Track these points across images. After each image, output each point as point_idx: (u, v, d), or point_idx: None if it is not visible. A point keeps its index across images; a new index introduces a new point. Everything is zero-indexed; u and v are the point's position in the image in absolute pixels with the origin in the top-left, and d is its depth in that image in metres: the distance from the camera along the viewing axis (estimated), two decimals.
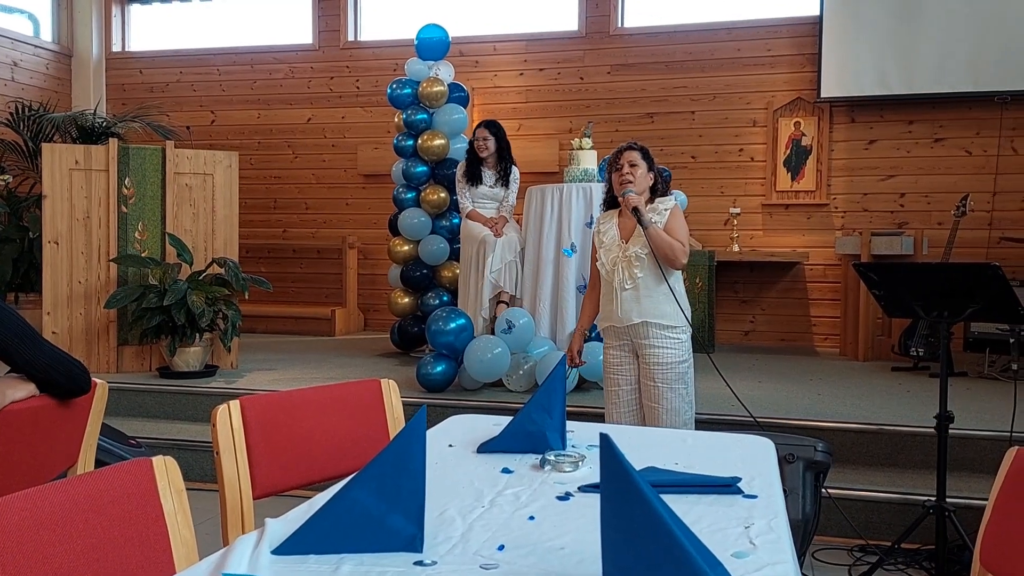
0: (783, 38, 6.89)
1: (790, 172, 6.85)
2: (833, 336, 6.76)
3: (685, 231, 3.11)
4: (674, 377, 3.09)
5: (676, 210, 3.13)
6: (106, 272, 5.22)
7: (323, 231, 7.92)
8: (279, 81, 8.01)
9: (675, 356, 3.09)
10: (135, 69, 8.40)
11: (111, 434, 3.58)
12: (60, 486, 1.24)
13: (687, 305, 3.14)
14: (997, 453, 1.72)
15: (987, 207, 6.41)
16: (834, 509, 3.45)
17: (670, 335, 3.08)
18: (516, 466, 1.77)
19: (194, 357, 5.07)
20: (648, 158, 3.16)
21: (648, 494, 1.08)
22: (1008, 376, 5.14)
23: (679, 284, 3.16)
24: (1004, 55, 6.20)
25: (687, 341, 3.12)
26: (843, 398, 4.54)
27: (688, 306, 3.15)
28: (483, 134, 5.28)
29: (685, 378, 3.11)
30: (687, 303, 3.15)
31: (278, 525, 1.35)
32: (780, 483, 1.74)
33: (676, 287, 3.10)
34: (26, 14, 8.11)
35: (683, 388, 3.10)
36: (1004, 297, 2.84)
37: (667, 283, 3.06)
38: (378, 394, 2.19)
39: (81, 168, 5.19)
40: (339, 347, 6.57)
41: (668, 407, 3.10)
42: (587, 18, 7.29)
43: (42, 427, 1.99)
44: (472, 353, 4.45)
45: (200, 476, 4.15)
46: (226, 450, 1.82)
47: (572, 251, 4.83)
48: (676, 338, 3.09)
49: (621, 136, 7.07)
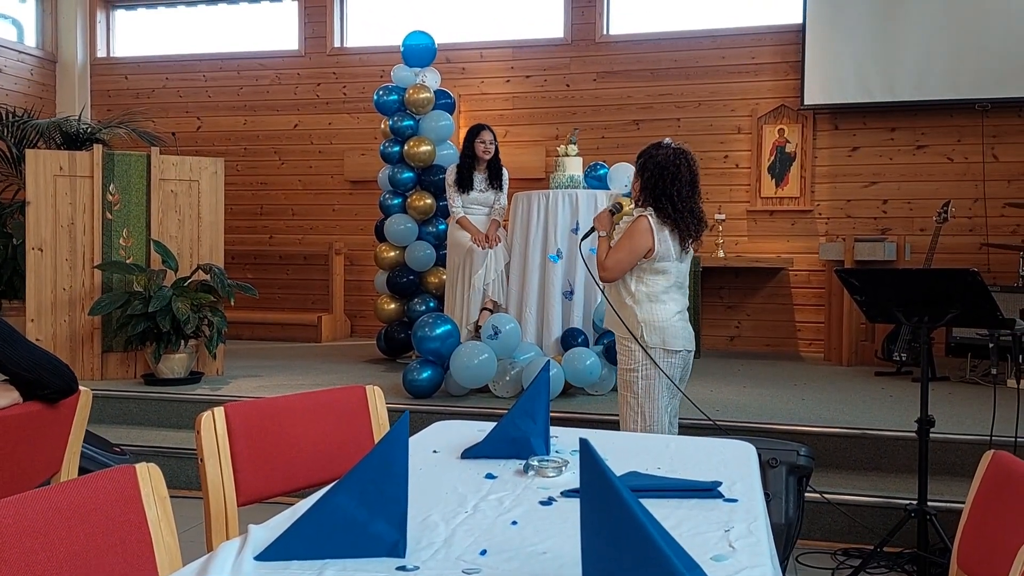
0: (767, 46, 6.95)
1: (774, 179, 6.91)
2: (817, 341, 6.81)
3: (622, 245, 3.04)
4: (623, 383, 3.13)
5: (632, 225, 3.06)
6: (90, 279, 5.20)
7: (309, 237, 7.91)
8: (265, 87, 8.00)
9: (622, 363, 3.12)
10: (120, 75, 8.37)
11: (95, 441, 3.56)
12: (44, 493, 1.24)
13: (651, 316, 3.05)
14: (978, 457, 1.74)
15: (969, 213, 6.48)
16: (817, 513, 3.48)
17: (622, 343, 3.11)
18: (500, 471, 1.78)
19: (179, 364, 5.06)
20: (641, 166, 3.13)
21: (627, 498, 1.10)
22: (989, 380, 5.19)
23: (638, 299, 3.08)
24: (984, 63, 6.27)
25: (637, 351, 3.06)
26: (826, 403, 4.58)
27: (653, 317, 3.05)
28: (489, 137, 5.27)
29: (634, 387, 3.07)
30: (652, 314, 3.06)
31: (261, 531, 1.35)
32: (761, 487, 1.75)
33: (629, 301, 3.09)
34: (10, 20, 8.07)
35: (630, 397, 3.09)
36: (982, 302, 2.88)
37: (619, 294, 3.12)
38: (363, 400, 2.19)
39: (65, 174, 5.16)
40: (325, 353, 6.56)
41: (620, 413, 3.16)
42: (573, 26, 7.33)
43: (26, 434, 1.98)
44: (458, 359, 4.46)
45: (185, 483, 4.14)
46: (210, 457, 1.82)
47: (558, 257, 4.85)
48: (627, 346, 3.09)
49: (607, 143, 7.12)
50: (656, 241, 3.03)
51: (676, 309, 3.12)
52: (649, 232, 3.03)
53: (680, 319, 3.13)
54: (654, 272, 3.07)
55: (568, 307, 4.86)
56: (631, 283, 3.09)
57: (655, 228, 3.03)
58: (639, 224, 3.05)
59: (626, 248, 3.04)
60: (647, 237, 3.02)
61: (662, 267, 3.07)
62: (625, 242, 3.05)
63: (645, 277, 3.08)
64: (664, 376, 3.06)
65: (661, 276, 3.09)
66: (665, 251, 3.05)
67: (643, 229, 3.03)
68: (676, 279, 3.14)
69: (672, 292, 3.13)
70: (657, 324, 3.06)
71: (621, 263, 3.06)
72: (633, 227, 3.06)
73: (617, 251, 3.06)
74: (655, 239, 3.03)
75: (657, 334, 3.05)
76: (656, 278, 3.08)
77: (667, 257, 3.06)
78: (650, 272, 3.07)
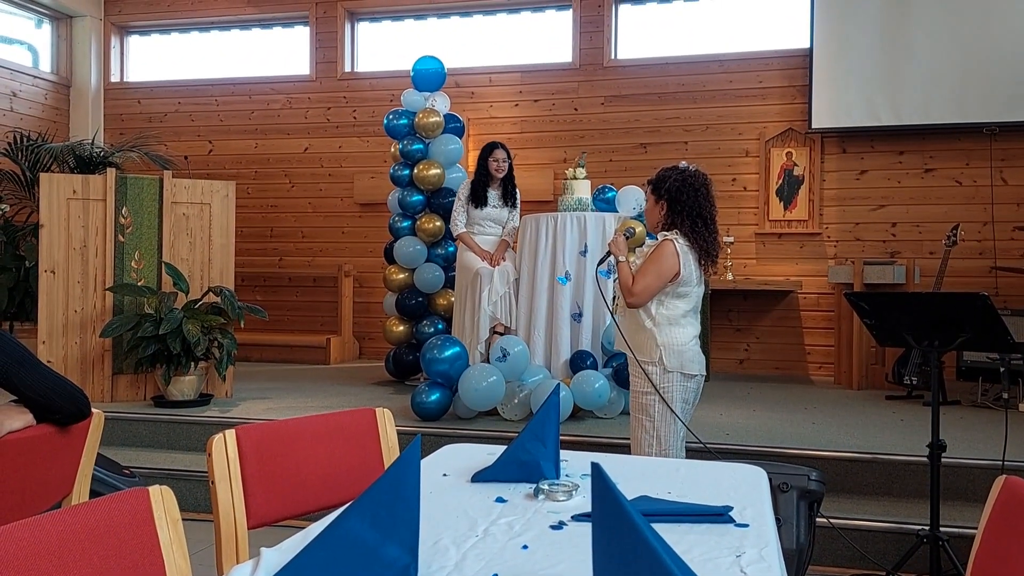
0: (774, 70, 6.98)
1: (783, 201, 6.92)
2: (827, 364, 6.78)
3: (650, 270, 3.00)
4: (637, 407, 3.08)
5: (658, 250, 3.03)
6: (102, 301, 5.23)
7: (319, 259, 7.95)
8: (276, 111, 8.08)
9: (638, 386, 3.08)
10: (133, 99, 8.47)
11: (105, 464, 3.57)
12: (58, 516, 1.25)
13: (670, 340, 3.04)
14: (990, 482, 1.73)
15: (978, 237, 6.47)
16: (828, 539, 3.45)
17: (639, 367, 3.06)
18: (510, 495, 1.78)
19: (189, 386, 5.07)
20: (657, 188, 3.11)
21: (639, 523, 1.10)
22: (1000, 405, 5.16)
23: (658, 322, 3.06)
24: (991, 87, 6.29)
25: (657, 374, 3.03)
26: (837, 427, 4.55)
27: (672, 341, 3.04)
28: (502, 155, 5.34)
29: (650, 411, 3.04)
30: (671, 337, 3.04)
31: (273, 555, 1.35)
32: (772, 512, 1.75)
33: (650, 324, 3.05)
34: (25, 45, 8.19)
35: (646, 420, 3.05)
36: (993, 326, 2.87)
37: (639, 318, 3.08)
38: (373, 423, 2.20)
39: (79, 198, 5.22)
40: (334, 375, 6.56)
41: (633, 436, 3.12)
42: (581, 50, 7.39)
43: (38, 457, 1.99)
44: (467, 382, 4.46)
45: (194, 506, 4.13)
46: (221, 480, 1.82)
47: (566, 279, 4.86)
48: (644, 370, 3.05)
49: (615, 166, 7.15)
50: (682, 265, 3.01)
51: (694, 333, 3.12)
52: (675, 256, 3.00)
53: (696, 344, 3.12)
54: (676, 296, 3.06)
55: (577, 329, 4.87)
56: (652, 306, 3.06)
57: (681, 252, 3.01)
58: (665, 248, 3.02)
59: (654, 272, 3.01)
60: (674, 261, 3.00)
61: (684, 291, 3.06)
62: (652, 266, 3.02)
63: (666, 301, 3.06)
64: (679, 400, 3.05)
65: (682, 300, 3.07)
66: (688, 275, 3.03)
67: (670, 253, 3.01)
68: (695, 303, 3.13)
69: (690, 316, 3.11)
70: (676, 348, 3.04)
71: (650, 288, 3.01)
72: (660, 251, 3.02)
73: (645, 276, 3.02)
74: (680, 263, 3.01)
75: (676, 358, 3.03)
76: (677, 302, 3.06)
77: (690, 281, 3.05)
78: (672, 296, 3.05)
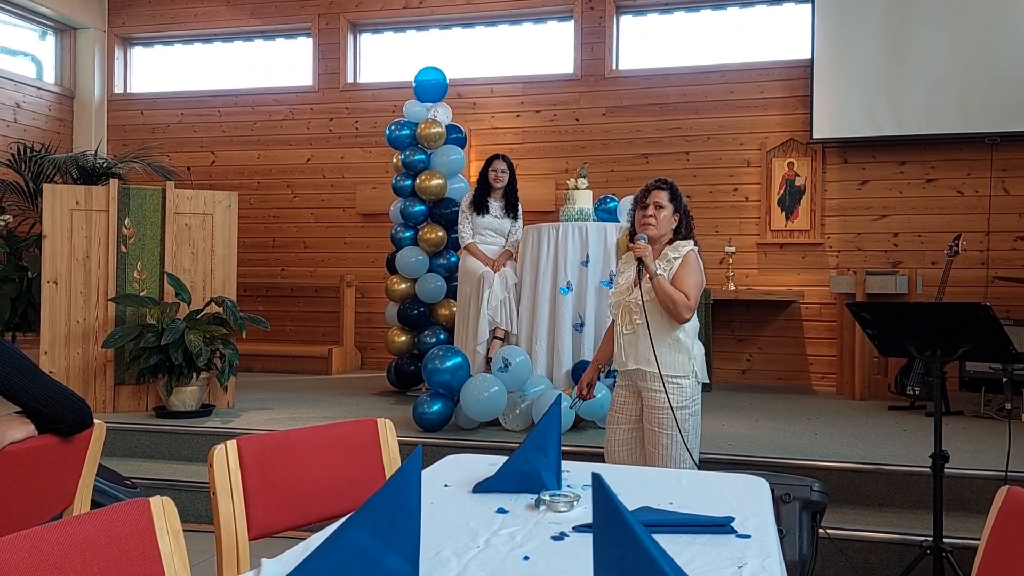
0: (775, 80, 7.00)
1: (784, 211, 6.92)
2: (830, 375, 6.77)
3: (695, 281, 2.96)
4: (668, 423, 2.95)
5: (688, 258, 2.99)
6: (104, 311, 5.24)
7: (321, 270, 7.96)
8: (279, 122, 8.11)
9: (675, 401, 2.96)
10: (136, 110, 8.51)
11: (107, 474, 3.57)
12: (59, 526, 1.25)
13: (698, 353, 3.03)
14: (993, 492, 1.73)
15: (980, 247, 6.47)
16: (831, 549, 3.44)
17: (671, 382, 2.96)
18: (511, 506, 1.78)
19: (190, 396, 5.07)
20: (676, 198, 3.06)
21: (640, 534, 1.09)
22: (1003, 415, 5.14)
23: (689, 334, 3.03)
24: (992, 97, 6.31)
25: (690, 388, 2.99)
26: (840, 437, 4.54)
27: (699, 352, 3.04)
28: (501, 166, 5.40)
29: (686, 425, 2.96)
30: (697, 350, 3.03)
31: (274, 565, 1.35)
32: (775, 523, 1.74)
33: (684, 337, 2.99)
34: (29, 57, 8.23)
35: (682, 435, 2.96)
36: (995, 337, 2.87)
37: (675, 332, 2.98)
38: (374, 434, 2.19)
39: (81, 208, 5.23)
40: (336, 386, 6.56)
41: (664, 453, 2.99)
42: (583, 61, 7.42)
43: (40, 468, 1.99)
44: (468, 392, 4.46)
45: (195, 516, 4.13)
46: (222, 490, 1.82)
47: (568, 289, 4.86)
48: (677, 383, 2.97)
49: (616, 176, 7.17)
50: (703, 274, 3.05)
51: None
52: (699, 265, 3.03)
53: None
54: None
55: (578, 339, 4.86)
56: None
57: (700, 261, 3.06)
58: (693, 258, 3.01)
59: (695, 284, 2.98)
60: (701, 270, 3.04)
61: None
62: (693, 278, 2.97)
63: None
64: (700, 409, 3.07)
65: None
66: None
67: (697, 262, 3.03)
68: None
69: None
70: (700, 359, 3.05)
71: (697, 300, 2.99)
72: (691, 262, 2.99)
73: (692, 288, 2.96)
74: (702, 272, 3.05)
75: (701, 369, 3.05)
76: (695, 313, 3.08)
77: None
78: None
